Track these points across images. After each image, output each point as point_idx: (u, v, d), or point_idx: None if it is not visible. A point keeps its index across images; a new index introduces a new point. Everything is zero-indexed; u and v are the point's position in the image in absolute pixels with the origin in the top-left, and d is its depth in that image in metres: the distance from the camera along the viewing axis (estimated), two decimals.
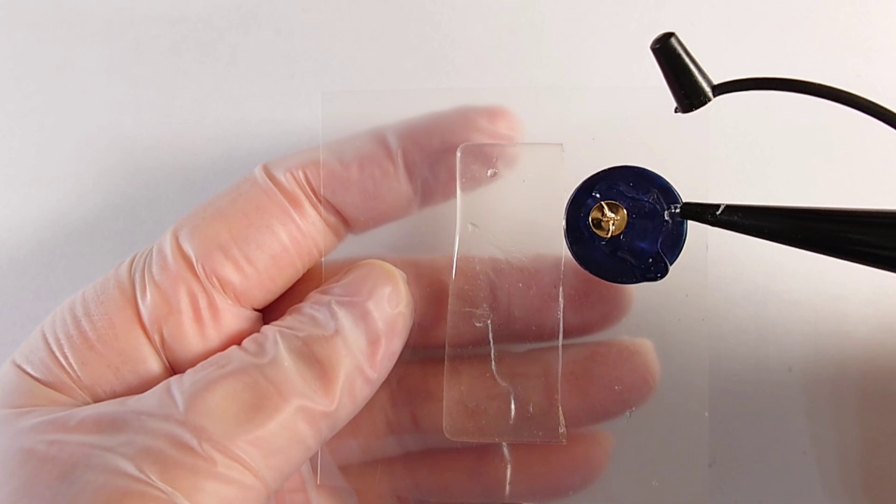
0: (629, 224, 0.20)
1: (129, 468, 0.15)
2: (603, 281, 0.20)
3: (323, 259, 0.21)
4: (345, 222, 0.21)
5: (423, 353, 0.22)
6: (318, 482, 0.21)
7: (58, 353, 0.18)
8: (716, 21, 0.25)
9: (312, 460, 0.21)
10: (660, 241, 0.20)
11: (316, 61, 0.25)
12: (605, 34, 0.25)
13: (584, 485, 0.21)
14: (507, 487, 0.22)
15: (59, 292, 0.20)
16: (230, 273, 0.19)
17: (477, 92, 0.21)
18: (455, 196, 0.20)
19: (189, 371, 0.18)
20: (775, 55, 0.25)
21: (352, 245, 0.21)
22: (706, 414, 0.20)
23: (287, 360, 0.17)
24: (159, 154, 0.25)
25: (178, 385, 0.17)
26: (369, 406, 0.19)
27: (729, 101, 0.24)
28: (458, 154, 0.20)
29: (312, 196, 0.20)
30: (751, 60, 0.25)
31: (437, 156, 0.20)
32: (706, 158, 0.20)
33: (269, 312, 0.21)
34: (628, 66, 0.25)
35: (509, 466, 0.22)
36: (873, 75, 0.24)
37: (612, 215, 0.20)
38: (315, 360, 0.18)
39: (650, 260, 0.20)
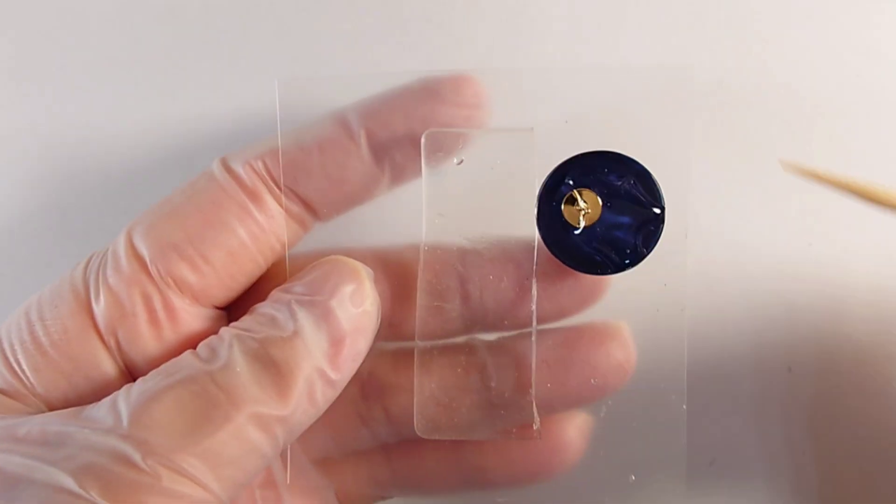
0: (604, 212, 0.19)
1: (70, 484, 0.15)
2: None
3: (288, 252, 0.20)
4: (310, 210, 0.20)
5: (394, 345, 0.21)
6: (288, 481, 0.21)
7: (11, 360, 0.18)
8: (715, 19, 0.23)
9: (283, 456, 0.21)
10: (636, 229, 0.19)
11: (275, 51, 0.24)
12: (578, 11, 0.24)
13: (563, 467, 0.21)
14: (484, 475, 0.21)
15: (15, 298, 0.19)
16: (186, 272, 0.18)
17: (442, 74, 0.20)
18: None
19: (138, 381, 0.17)
20: (775, 54, 0.23)
21: (320, 237, 0.21)
22: (684, 407, 0.20)
23: (241, 365, 0.17)
24: (119, 152, 0.25)
25: (124, 397, 0.17)
26: (341, 400, 0.19)
27: (707, 78, 0.23)
28: (423, 141, 0.19)
29: (274, 187, 0.19)
30: (750, 59, 0.23)
31: (402, 132, 0.19)
32: (687, 141, 0.19)
33: (233, 310, 0.20)
34: (604, 46, 0.24)
35: (485, 454, 0.21)
36: (874, 75, 0.23)
37: (586, 203, 0.19)
38: (271, 363, 0.17)
39: (627, 250, 0.19)
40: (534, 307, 0.20)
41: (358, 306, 0.18)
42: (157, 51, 0.25)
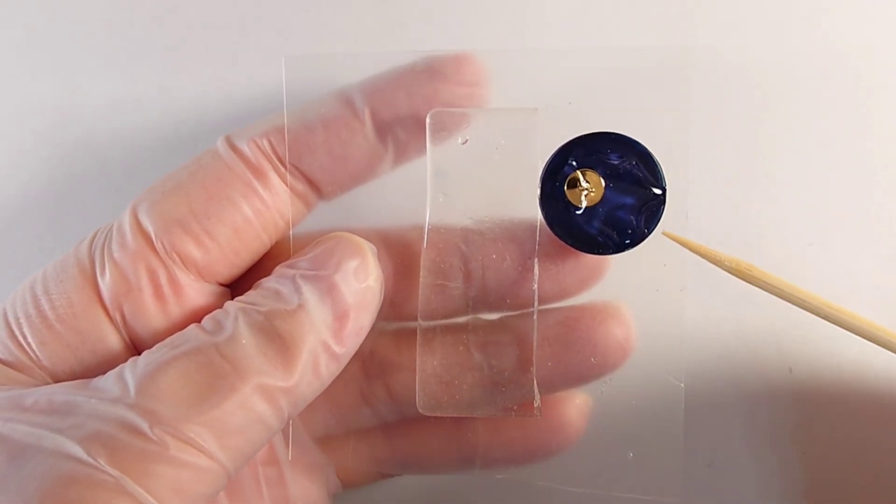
0: (606, 193, 0.19)
1: (78, 452, 0.15)
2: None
3: (292, 231, 0.20)
4: (314, 188, 0.20)
5: (395, 324, 0.21)
6: (290, 458, 0.21)
7: (17, 333, 0.18)
8: (714, 16, 0.23)
9: (285, 433, 0.21)
10: (638, 209, 0.19)
11: (273, 51, 0.24)
12: (578, 13, 0.24)
13: (562, 447, 0.21)
14: (484, 453, 0.22)
15: (18, 278, 0.19)
16: (191, 248, 0.18)
17: (444, 54, 0.20)
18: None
19: (144, 353, 0.17)
20: (775, 53, 0.24)
21: (323, 216, 0.21)
22: (682, 385, 0.20)
23: (246, 337, 0.17)
24: (123, 132, 0.25)
25: (131, 368, 0.17)
26: (342, 378, 0.19)
27: (709, 61, 0.24)
28: (428, 121, 0.19)
29: (278, 164, 0.19)
30: (749, 58, 0.23)
31: (406, 110, 0.19)
32: (688, 121, 0.19)
33: (237, 287, 0.20)
34: (606, 26, 0.24)
35: (486, 432, 0.21)
36: (873, 75, 0.23)
37: (589, 184, 0.19)
38: (276, 336, 0.17)
39: (628, 230, 0.19)
40: (535, 287, 0.20)
41: (362, 281, 0.18)
42: (161, 31, 0.25)
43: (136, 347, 0.19)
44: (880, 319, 0.23)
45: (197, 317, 0.19)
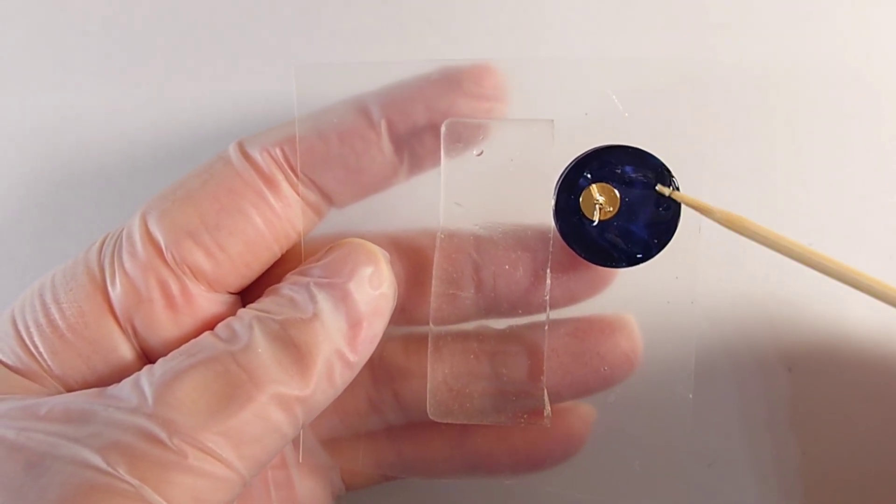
0: (621, 206, 0.19)
1: (97, 461, 0.15)
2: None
3: (303, 238, 0.20)
4: (326, 198, 0.20)
5: (404, 329, 0.21)
6: (301, 460, 0.21)
7: (28, 342, 0.18)
8: (714, 16, 0.23)
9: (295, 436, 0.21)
10: (652, 223, 0.19)
11: (272, 51, 0.24)
12: (598, 2, 0.24)
13: (565, 457, 0.21)
14: (489, 460, 0.22)
15: (22, 273, 0.19)
16: (201, 260, 0.18)
17: (462, 63, 0.20)
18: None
19: (160, 361, 0.17)
20: (775, 54, 0.24)
21: (334, 221, 0.21)
22: (690, 396, 0.20)
23: (262, 346, 0.17)
24: (132, 137, 0.24)
25: (147, 376, 0.17)
26: (351, 383, 0.19)
27: (727, 76, 0.24)
28: (443, 130, 0.19)
29: (291, 174, 0.19)
30: (750, 59, 0.24)
31: (423, 123, 0.19)
32: (704, 135, 0.20)
33: (248, 292, 0.20)
34: (623, 38, 0.24)
35: (491, 439, 0.22)
36: (873, 75, 0.24)
37: (604, 197, 0.19)
38: (292, 345, 0.17)
39: (641, 244, 0.19)
40: (547, 297, 0.20)
41: (376, 289, 0.18)
42: (161, 33, 0.24)
43: (147, 356, 0.19)
44: (880, 319, 0.24)
45: (208, 325, 0.18)
